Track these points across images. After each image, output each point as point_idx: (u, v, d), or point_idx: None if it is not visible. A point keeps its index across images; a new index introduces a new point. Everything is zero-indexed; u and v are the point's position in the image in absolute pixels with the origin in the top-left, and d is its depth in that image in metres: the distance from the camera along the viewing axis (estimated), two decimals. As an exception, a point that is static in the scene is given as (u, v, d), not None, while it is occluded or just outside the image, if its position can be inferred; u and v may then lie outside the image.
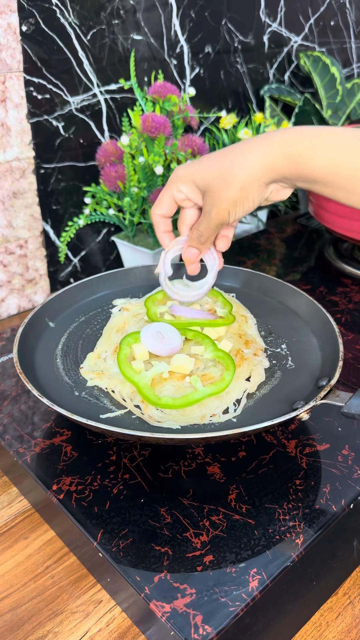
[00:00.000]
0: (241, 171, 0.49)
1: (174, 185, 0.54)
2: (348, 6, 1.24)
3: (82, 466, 0.52)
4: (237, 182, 0.50)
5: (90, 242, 0.98)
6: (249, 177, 0.49)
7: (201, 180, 0.52)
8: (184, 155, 0.83)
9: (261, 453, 0.53)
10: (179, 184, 0.54)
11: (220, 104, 1.10)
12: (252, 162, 0.49)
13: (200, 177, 0.52)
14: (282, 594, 0.44)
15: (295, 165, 0.48)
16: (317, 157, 0.48)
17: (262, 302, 0.70)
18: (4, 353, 0.68)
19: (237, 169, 0.49)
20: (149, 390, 0.52)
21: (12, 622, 0.47)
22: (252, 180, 0.49)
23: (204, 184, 0.52)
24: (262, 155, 0.49)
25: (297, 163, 0.48)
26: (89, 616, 0.48)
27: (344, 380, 0.63)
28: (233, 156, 0.50)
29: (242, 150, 0.50)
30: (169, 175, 0.86)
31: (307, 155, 0.48)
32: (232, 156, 0.50)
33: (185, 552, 0.44)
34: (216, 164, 0.51)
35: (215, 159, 0.52)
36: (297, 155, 0.48)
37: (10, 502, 0.58)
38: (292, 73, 1.22)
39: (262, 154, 0.49)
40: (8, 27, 0.75)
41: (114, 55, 0.88)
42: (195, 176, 0.52)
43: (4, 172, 0.82)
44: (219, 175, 0.50)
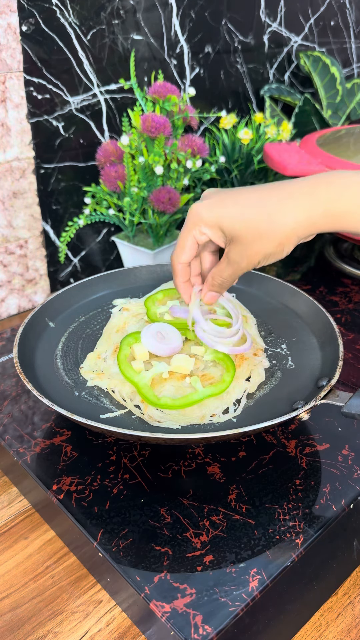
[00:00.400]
0: (282, 228, 0.46)
1: (197, 229, 0.49)
2: (348, 6, 1.24)
3: (82, 466, 0.52)
4: (275, 238, 0.46)
5: (90, 242, 0.98)
6: (288, 234, 0.46)
7: (231, 227, 0.47)
8: (184, 155, 0.83)
9: (261, 453, 0.53)
10: (202, 227, 0.49)
11: (220, 104, 1.10)
12: (294, 219, 0.46)
13: (230, 224, 0.47)
14: (282, 594, 0.44)
15: (339, 222, 0.46)
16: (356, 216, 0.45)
17: (262, 302, 0.70)
18: (4, 353, 0.69)
19: (277, 226, 0.46)
20: (149, 390, 0.52)
21: (12, 622, 0.47)
22: (290, 237, 0.46)
23: (234, 232, 0.47)
24: (304, 212, 0.45)
25: (341, 220, 0.46)
26: (89, 616, 0.48)
27: (344, 380, 0.63)
28: (270, 206, 0.46)
29: (282, 203, 0.46)
30: (169, 175, 0.86)
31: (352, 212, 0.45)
32: (269, 206, 0.46)
33: (185, 552, 0.44)
34: (248, 214, 0.47)
35: (247, 207, 0.47)
36: (343, 212, 0.45)
37: (10, 502, 0.58)
38: (292, 73, 1.22)
39: (304, 211, 0.45)
40: (8, 27, 0.75)
41: (114, 55, 0.88)
42: (224, 221, 0.48)
43: (4, 172, 0.82)
44: (254, 227, 0.46)
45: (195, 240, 0.50)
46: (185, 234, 0.51)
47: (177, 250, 0.52)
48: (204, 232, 0.49)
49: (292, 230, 0.46)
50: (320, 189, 0.46)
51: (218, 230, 0.49)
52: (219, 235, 0.49)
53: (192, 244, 0.51)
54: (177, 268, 0.53)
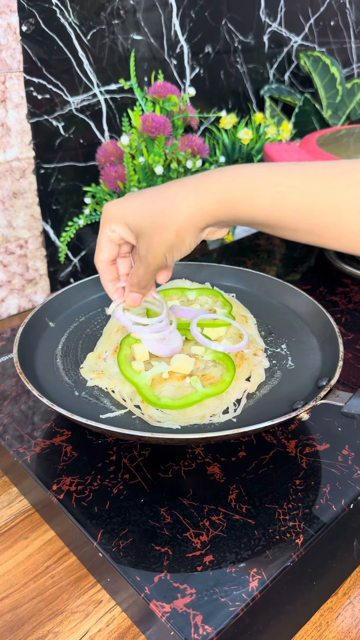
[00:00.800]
0: (176, 217, 0.47)
1: (107, 226, 0.51)
2: (348, 6, 1.24)
3: (82, 466, 0.52)
4: (171, 227, 0.47)
5: (90, 242, 0.98)
6: (184, 223, 0.47)
7: (134, 222, 0.49)
8: (184, 155, 0.83)
9: (261, 453, 0.53)
10: (111, 224, 0.50)
11: (220, 104, 1.10)
12: (187, 207, 0.47)
13: (133, 219, 0.49)
14: (282, 594, 0.44)
15: (233, 211, 0.47)
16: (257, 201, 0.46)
17: (262, 302, 0.70)
18: (4, 353, 0.69)
19: (171, 214, 0.47)
20: (149, 390, 0.52)
21: (12, 622, 0.47)
22: (187, 226, 0.48)
23: (137, 227, 0.49)
24: (197, 201, 0.47)
25: (234, 209, 0.47)
26: (89, 616, 0.48)
27: (344, 380, 0.63)
28: (167, 200, 0.48)
29: (176, 194, 0.48)
30: (169, 175, 0.86)
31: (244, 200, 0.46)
32: (166, 199, 0.48)
33: (185, 552, 0.44)
34: (149, 207, 0.48)
35: (148, 201, 0.49)
36: (234, 200, 0.46)
37: (10, 502, 0.58)
38: (292, 73, 1.22)
39: (197, 199, 0.47)
40: (8, 27, 0.75)
41: (114, 55, 0.88)
42: (128, 218, 0.49)
43: (4, 172, 0.82)
44: (153, 220, 0.48)
45: (109, 237, 0.51)
46: (100, 233, 0.52)
47: (96, 250, 0.53)
48: (114, 229, 0.51)
49: (186, 218, 0.47)
50: (212, 178, 0.47)
51: (125, 226, 0.50)
52: (127, 232, 0.50)
53: (107, 241, 0.52)
54: (99, 267, 0.54)
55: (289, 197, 0.45)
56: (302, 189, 0.44)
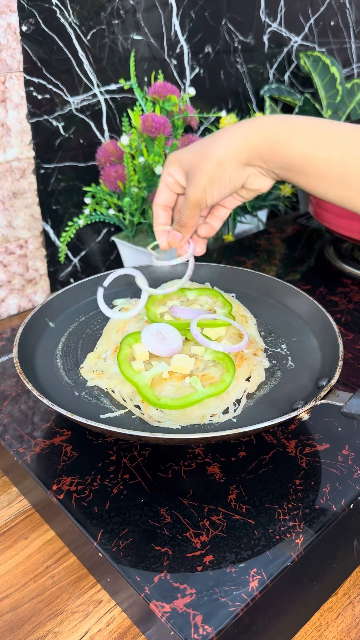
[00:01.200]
0: (220, 146, 0.51)
1: (166, 171, 0.55)
2: (348, 6, 1.24)
3: (82, 466, 0.52)
4: (214, 156, 0.51)
5: (90, 242, 0.98)
6: (226, 151, 0.50)
7: (186, 159, 0.53)
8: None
9: (261, 453, 0.53)
10: (169, 167, 0.55)
11: (220, 104, 1.10)
12: (232, 138, 0.51)
13: (186, 157, 0.53)
14: (282, 594, 0.44)
15: (274, 147, 0.50)
16: (296, 142, 0.49)
17: (262, 302, 0.70)
18: (4, 353, 0.69)
19: (216, 145, 0.51)
20: (149, 390, 0.52)
21: (12, 622, 0.47)
22: (229, 155, 0.51)
23: (188, 163, 0.53)
24: (242, 134, 0.50)
25: (276, 145, 0.49)
26: (89, 616, 0.48)
27: (344, 380, 0.63)
28: (217, 136, 0.52)
29: (225, 131, 0.52)
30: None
31: (286, 138, 0.49)
32: (216, 136, 0.52)
33: (185, 552, 0.44)
34: (200, 144, 0.53)
35: (202, 142, 0.53)
36: (277, 137, 0.49)
37: (10, 502, 0.58)
38: (292, 73, 1.22)
39: (243, 133, 0.50)
40: (8, 27, 0.75)
41: (114, 55, 0.88)
42: (182, 156, 0.54)
43: (4, 172, 0.82)
44: (200, 152, 0.52)
45: (166, 182, 0.56)
46: (161, 179, 0.57)
47: (156, 194, 0.58)
48: (170, 172, 0.55)
49: (230, 147, 0.51)
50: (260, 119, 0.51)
51: (179, 166, 0.54)
52: (181, 174, 0.55)
53: (163, 186, 0.56)
54: (154, 210, 0.58)
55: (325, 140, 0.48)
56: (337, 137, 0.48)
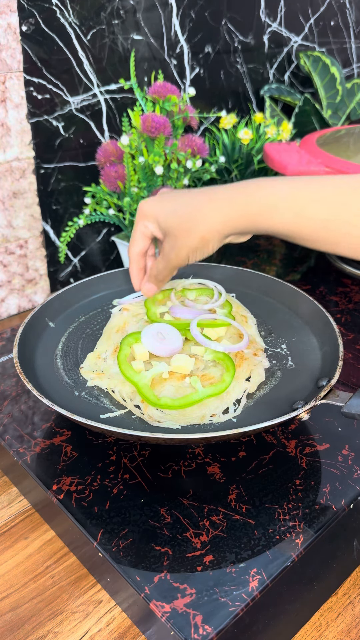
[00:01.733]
0: (202, 224, 0.52)
1: (142, 222, 0.56)
2: (348, 6, 1.24)
3: (82, 466, 0.52)
4: (197, 232, 0.52)
5: (90, 242, 0.98)
6: (209, 230, 0.52)
7: (164, 223, 0.54)
8: (184, 155, 0.83)
9: (261, 453, 0.53)
10: (145, 221, 0.56)
11: (220, 104, 1.10)
12: (213, 217, 0.52)
13: (164, 220, 0.54)
14: (282, 594, 0.44)
15: (255, 223, 0.51)
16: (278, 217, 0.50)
17: (262, 302, 0.70)
18: (4, 353, 0.69)
19: (198, 221, 0.52)
20: (149, 390, 0.52)
21: (12, 622, 0.47)
22: (212, 233, 0.52)
23: (166, 227, 0.54)
24: (223, 213, 0.52)
25: (256, 221, 0.51)
26: (89, 616, 0.48)
27: (344, 380, 0.63)
28: (197, 208, 0.53)
29: (205, 202, 0.53)
30: (169, 175, 0.86)
31: (264, 215, 0.50)
32: (196, 207, 0.53)
33: (185, 552, 0.44)
34: (180, 211, 0.53)
35: (180, 205, 0.54)
36: (255, 214, 0.51)
37: (10, 502, 0.58)
38: (292, 73, 1.22)
39: (223, 212, 0.52)
40: (8, 27, 0.75)
41: (114, 55, 0.88)
42: (159, 218, 0.55)
43: (4, 172, 0.82)
44: (180, 223, 0.53)
45: (142, 232, 0.57)
46: (135, 227, 0.58)
47: (130, 241, 0.59)
48: (147, 225, 0.56)
49: (211, 227, 0.52)
50: (238, 194, 0.52)
51: (156, 224, 0.55)
52: (157, 230, 0.56)
53: (140, 235, 0.57)
54: (131, 257, 0.59)
55: (307, 212, 0.49)
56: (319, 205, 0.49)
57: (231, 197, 0.52)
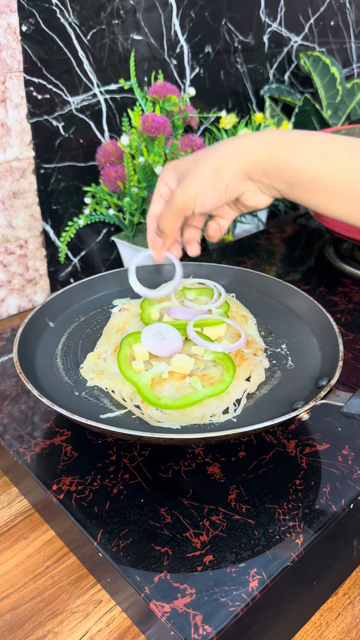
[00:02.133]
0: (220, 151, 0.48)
1: (162, 181, 0.54)
2: (348, 6, 1.24)
3: (82, 466, 0.52)
4: (212, 160, 0.48)
5: (90, 242, 0.98)
6: (226, 157, 0.48)
7: (183, 165, 0.51)
8: (184, 155, 0.83)
9: (261, 453, 0.53)
10: (166, 177, 0.53)
11: (220, 104, 1.10)
12: (234, 146, 0.48)
13: (183, 163, 0.52)
14: (282, 594, 0.44)
15: (280, 161, 0.48)
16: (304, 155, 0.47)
17: (262, 302, 0.70)
18: (4, 353, 0.68)
19: (217, 150, 0.49)
20: (149, 390, 0.52)
21: (12, 622, 0.47)
22: (228, 161, 0.48)
23: (184, 168, 0.51)
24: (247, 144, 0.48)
25: (282, 159, 0.48)
26: (89, 616, 0.48)
27: (344, 380, 0.63)
28: (220, 143, 0.50)
29: (229, 139, 0.50)
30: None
31: (294, 151, 0.47)
32: (219, 143, 0.51)
33: (185, 552, 0.44)
34: (202, 150, 0.51)
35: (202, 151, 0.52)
36: (284, 150, 0.48)
37: (10, 502, 0.58)
38: (292, 73, 1.22)
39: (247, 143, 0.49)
40: (8, 27, 0.75)
41: (114, 55, 0.88)
42: (179, 163, 0.52)
43: (4, 172, 0.82)
44: (198, 157, 0.50)
45: (161, 193, 0.54)
46: (155, 189, 0.55)
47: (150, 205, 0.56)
48: (166, 181, 0.53)
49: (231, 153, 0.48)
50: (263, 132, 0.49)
51: (175, 173, 0.52)
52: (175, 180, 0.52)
53: (158, 196, 0.54)
54: (148, 221, 0.56)
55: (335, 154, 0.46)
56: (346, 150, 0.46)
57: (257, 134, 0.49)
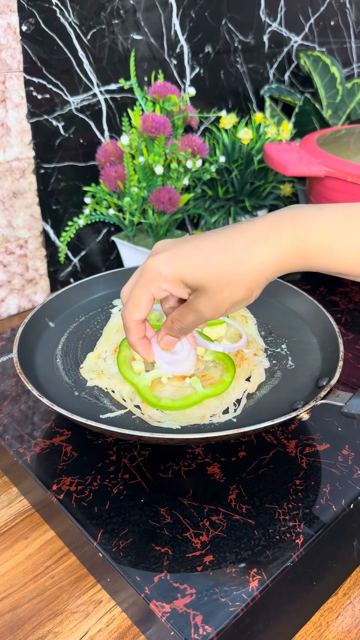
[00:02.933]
0: (249, 274, 0.43)
1: (155, 285, 0.45)
2: (348, 6, 1.24)
3: (82, 466, 0.52)
4: (243, 284, 0.44)
5: (90, 242, 0.98)
6: (258, 278, 0.44)
7: (194, 279, 0.44)
8: (184, 155, 0.83)
9: (261, 453, 0.53)
10: (161, 283, 0.45)
11: (220, 104, 1.10)
12: (260, 262, 0.43)
13: (193, 276, 0.44)
14: (282, 594, 0.44)
15: (307, 261, 0.44)
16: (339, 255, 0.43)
17: (262, 302, 0.70)
18: (4, 353, 0.68)
19: (243, 271, 0.43)
20: (149, 392, 0.52)
21: (12, 622, 0.47)
22: (259, 281, 0.44)
23: (198, 283, 0.44)
24: (272, 254, 0.43)
25: (310, 261, 0.44)
26: (89, 616, 0.48)
27: (344, 380, 0.63)
28: (236, 254, 0.43)
29: (246, 247, 0.43)
30: (169, 175, 0.86)
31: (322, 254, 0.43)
32: (234, 253, 0.43)
33: (185, 552, 0.44)
34: (215, 262, 0.44)
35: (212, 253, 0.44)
36: (311, 253, 0.43)
37: (10, 502, 0.58)
38: (292, 73, 1.22)
39: (272, 252, 0.43)
40: (8, 27, 0.75)
41: (114, 55, 0.88)
42: (185, 275, 0.44)
43: (4, 172, 0.82)
44: (220, 277, 0.43)
45: (152, 296, 0.47)
46: (140, 291, 0.46)
47: (130, 307, 0.47)
48: (164, 288, 0.46)
49: (260, 273, 0.44)
50: (286, 228, 0.43)
51: (180, 284, 0.45)
52: (181, 289, 0.46)
53: (147, 301, 0.47)
54: (130, 326, 0.49)
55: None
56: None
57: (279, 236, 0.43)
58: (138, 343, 0.50)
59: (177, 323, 0.48)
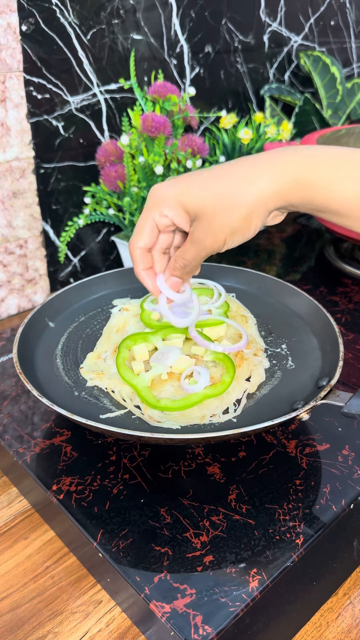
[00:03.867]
0: (247, 197, 0.43)
1: (157, 210, 0.46)
2: (348, 6, 1.24)
3: (82, 466, 0.52)
4: (240, 209, 0.43)
5: (90, 242, 0.98)
6: (255, 205, 0.43)
7: (193, 204, 0.44)
8: (184, 155, 0.83)
9: (261, 453, 0.53)
10: (163, 207, 0.45)
11: (220, 103, 1.09)
12: (260, 187, 0.43)
13: (193, 201, 0.44)
14: (282, 594, 0.44)
15: (310, 194, 0.43)
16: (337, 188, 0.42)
17: (262, 302, 0.70)
18: (4, 353, 0.68)
19: (241, 194, 0.43)
20: (148, 393, 0.52)
21: (12, 622, 0.47)
22: (257, 208, 0.43)
23: (197, 208, 0.44)
24: (272, 180, 0.43)
25: (312, 192, 0.43)
26: (89, 616, 0.48)
27: (344, 380, 0.63)
28: (236, 179, 0.43)
29: (247, 172, 0.43)
30: (169, 175, 0.86)
31: (326, 184, 0.42)
32: (234, 179, 0.44)
33: (185, 553, 0.44)
34: (214, 187, 0.44)
35: (213, 180, 0.44)
36: (314, 183, 0.42)
37: (10, 502, 0.58)
38: (292, 73, 1.22)
39: (272, 178, 0.43)
40: (8, 27, 0.75)
41: (114, 55, 0.88)
42: (185, 198, 0.45)
43: (4, 172, 0.82)
44: (218, 200, 0.43)
45: (155, 223, 0.47)
46: (144, 217, 0.47)
47: (134, 234, 0.48)
48: (165, 213, 0.46)
49: (258, 200, 0.43)
50: (288, 155, 0.43)
51: (180, 209, 0.45)
52: (182, 216, 0.46)
53: (151, 227, 0.47)
54: (135, 254, 0.49)
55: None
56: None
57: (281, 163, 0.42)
58: (144, 274, 0.50)
59: (179, 260, 0.48)
